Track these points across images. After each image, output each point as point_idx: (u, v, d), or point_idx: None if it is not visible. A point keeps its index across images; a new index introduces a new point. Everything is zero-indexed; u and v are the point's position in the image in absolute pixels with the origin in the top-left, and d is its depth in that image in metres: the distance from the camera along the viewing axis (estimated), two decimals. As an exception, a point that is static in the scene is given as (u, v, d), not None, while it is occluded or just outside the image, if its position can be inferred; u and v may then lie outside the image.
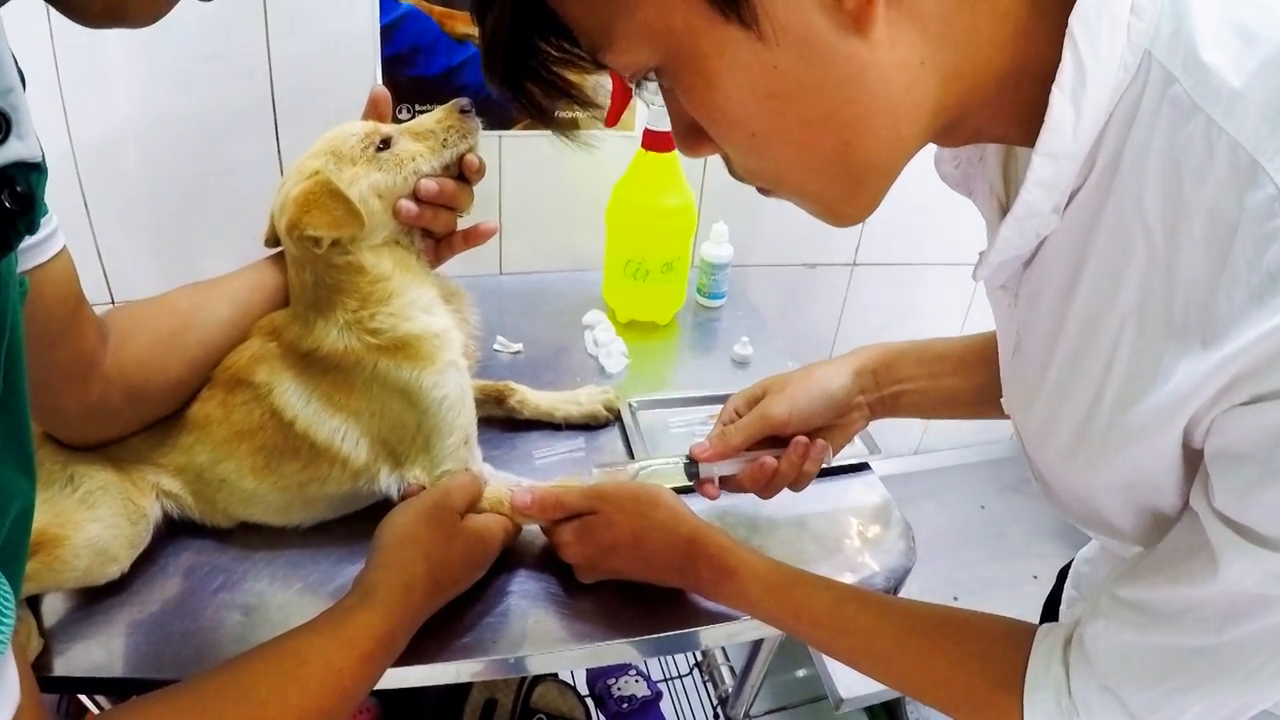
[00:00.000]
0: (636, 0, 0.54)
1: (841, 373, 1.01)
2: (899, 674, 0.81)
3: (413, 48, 1.36)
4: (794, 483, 0.99)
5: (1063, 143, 0.55)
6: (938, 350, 1.01)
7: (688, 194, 1.39)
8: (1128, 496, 0.64)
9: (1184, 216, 0.51)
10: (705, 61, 0.55)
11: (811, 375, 1.01)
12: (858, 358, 1.02)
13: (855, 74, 0.54)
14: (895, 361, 1.01)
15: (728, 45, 0.54)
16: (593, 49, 0.59)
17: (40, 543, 0.81)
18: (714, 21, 0.53)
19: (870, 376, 1.01)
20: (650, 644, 0.93)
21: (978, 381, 0.96)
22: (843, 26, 0.52)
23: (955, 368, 0.99)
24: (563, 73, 0.63)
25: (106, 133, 1.29)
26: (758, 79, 0.55)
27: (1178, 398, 0.53)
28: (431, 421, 0.94)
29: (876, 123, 0.57)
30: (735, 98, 0.56)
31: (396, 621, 0.79)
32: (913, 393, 1.01)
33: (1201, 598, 0.57)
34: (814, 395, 0.99)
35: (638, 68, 0.58)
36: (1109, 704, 0.64)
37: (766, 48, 0.53)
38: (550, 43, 0.61)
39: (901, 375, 1.01)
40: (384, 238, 0.95)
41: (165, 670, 0.84)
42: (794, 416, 0.97)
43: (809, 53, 0.53)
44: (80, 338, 0.82)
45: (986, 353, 0.95)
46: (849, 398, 1.00)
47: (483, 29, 0.61)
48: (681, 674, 1.91)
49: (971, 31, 0.55)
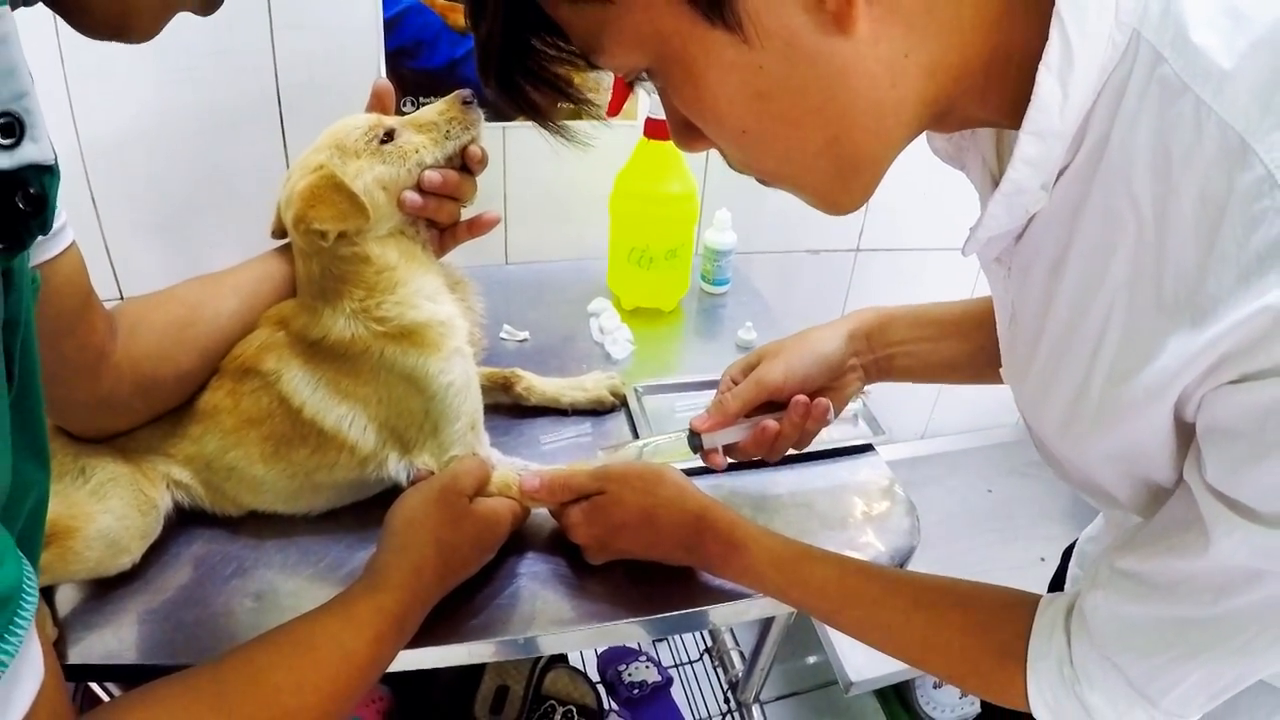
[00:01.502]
0: (626, 6, 0.55)
1: (835, 336, 1.02)
2: (904, 645, 0.82)
3: (416, 41, 1.37)
4: (798, 442, 0.99)
5: (1050, 121, 0.55)
6: (932, 315, 1.02)
7: (690, 181, 1.39)
8: (1122, 468, 0.64)
9: (1173, 196, 0.51)
10: (694, 64, 0.57)
11: (806, 339, 1.02)
12: (851, 321, 1.03)
13: (839, 71, 0.55)
14: (888, 325, 1.02)
15: (714, 48, 0.55)
16: (586, 52, 0.61)
17: (52, 534, 0.82)
18: (700, 26, 0.54)
19: (864, 339, 1.02)
20: (659, 623, 0.94)
21: (971, 346, 0.97)
22: (824, 26, 0.53)
23: (949, 332, 1.00)
24: (559, 70, 0.64)
25: (113, 129, 1.30)
26: (744, 79, 0.56)
27: (1167, 375, 0.53)
28: (438, 407, 0.95)
29: (863, 118, 0.58)
30: (724, 98, 0.58)
31: (407, 603, 0.80)
32: (905, 355, 1.02)
33: (1195, 570, 0.58)
34: (808, 359, 1.00)
35: (629, 69, 0.60)
36: (1109, 673, 0.65)
37: (751, 49, 0.54)
38: (545, 41, 0.62)
39: (894, 338, 1.02)
40: (389, 229, 0.96)
41: (178, 657, 0.84)
42: (789, 380, 0.98)
43: (793, 53, 0.55)
44: (90, 331, 0.82)
45: (981, 318, 0.96)
46: (843, 360, 1.01)
47: (477, 32, 0.62)
48: (692, 659, 1.92)
49: (955, 21, 0.55)
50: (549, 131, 0.70)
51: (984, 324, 0.93)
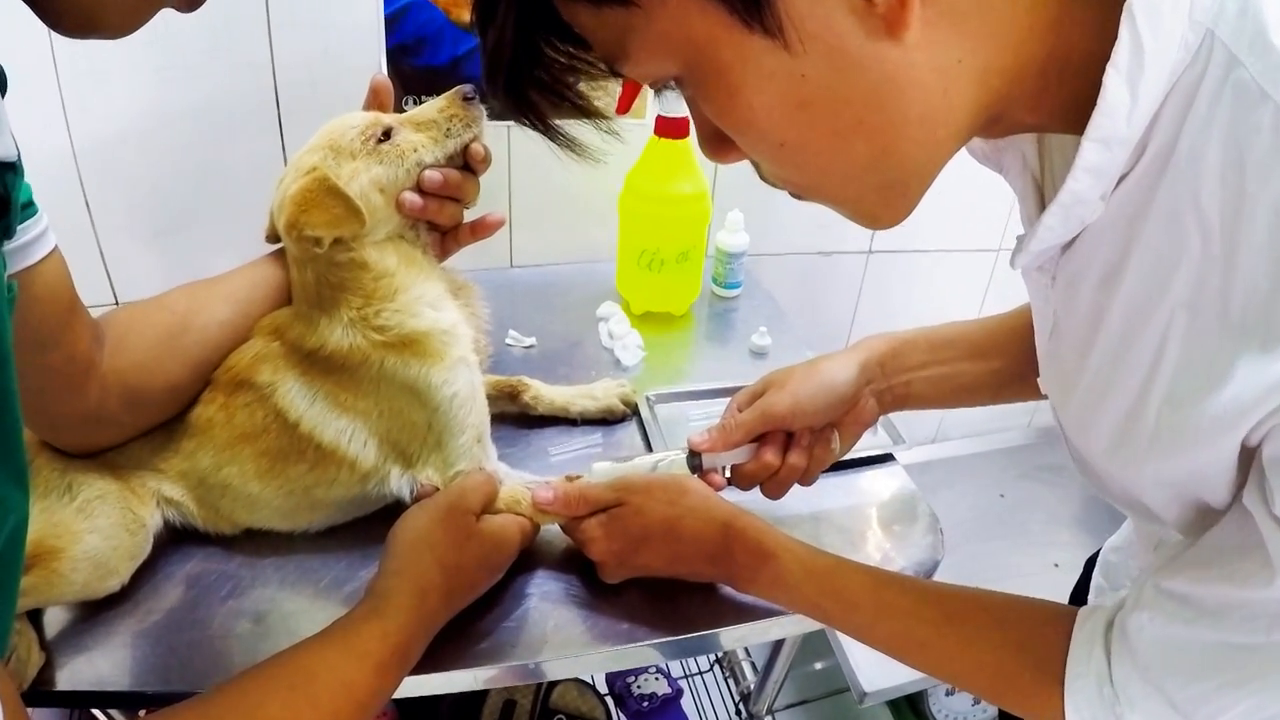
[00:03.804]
0: (653, 10, 0.51)
1: (847, 366, 0.97)
2: (938, 661, 0.80)
3: (418, 38, 1.34)
4: (802, 477, 0.96)
5: (1116, 128, 0.52)
6: (947, 335, 0.98)
7: (702, 181, 1.36)
8: (1175, 491, 0.61)
9: (1246, 209, 0.48)
10: (728, 72, 0.53)
11: (815, 369, 0.97)
12: (862, 350, 0.99)
13: (889, 79, 0.51)
14: (903, 350, 0.98)
15: (751, 55, 0.51)
16: (609, 60, 0.57)
17: (37, 555, 0.79)
18: (736, 31, 0.50)
19: (877, 368, 0.98)
20: (676, 646, 0.90)
21: (991, 367, 0.94)
22: (874, 31, 0.50)
23: (968, 353, 0.96)
24: (569, 80, 0.60)
25: (107, 131, 1.28)
26: (785, 89, 0.52)
27: (1240, 405, 0.50)
28: (442, 420, 0.91)
29: (913, 128, 0.54)
30: (762, 108, 0.54)
31: (411, 631, 0.77)
32: (922, 382, 0.98)
33: (1251, 599, 0.56)
34: (816, 390, 0.95)
35: (657, 78, 0.56)
36: (1151, 696, 0.63)
37: (793, 56, 0.51)
38: (557, 49, 0.59)
39: (910, 364, 0.98)
40: (387, 233, 0.93)
41: (173, 682, 0.81)
42: (796, 412, 0.94)
43: (839, 60, 0.51)
44: (75, 341, 0.80)
45: (1000, 338, 0.93)
46: (855, 391, 0.96)
47: (485, 38, 0.58)
48: (702, 670, 1.90)
49: (1009, 24, 0.52)
50: (558, 145, 0.66)
51: (1002, 344, 0.91)
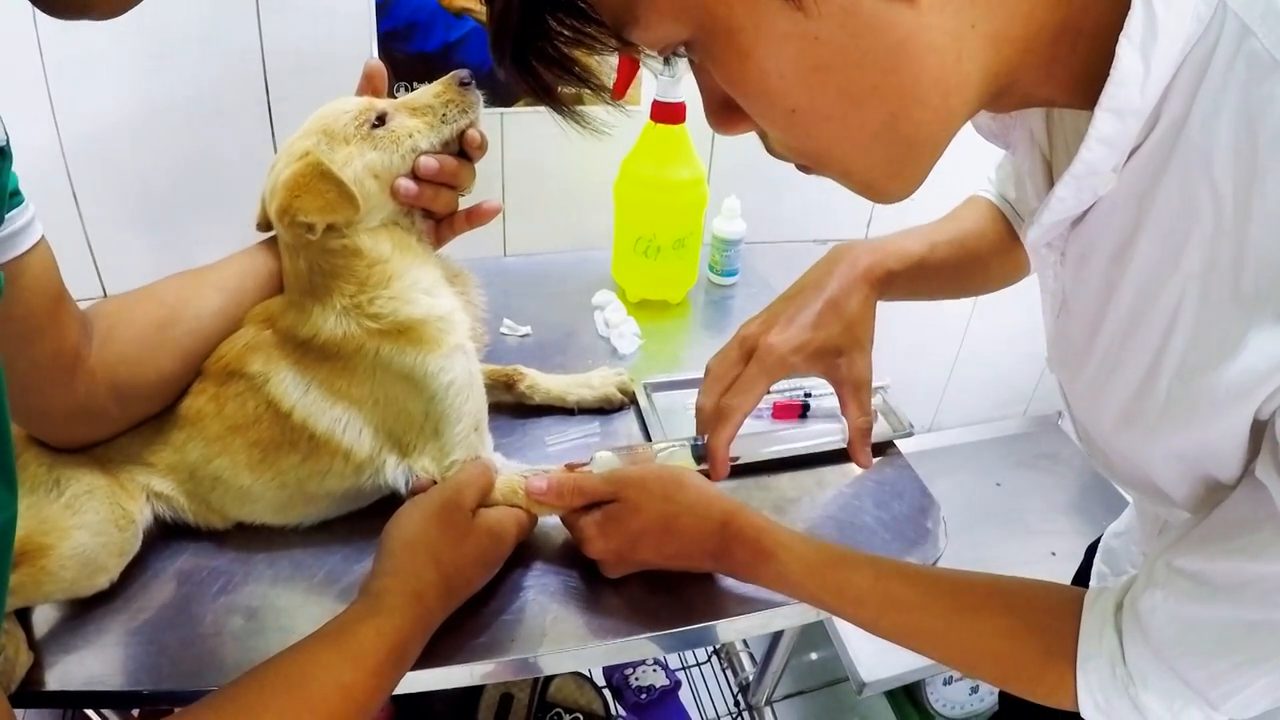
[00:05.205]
0: None
1: (842, 279, 1.02)
2: (949, 650, 0.79)
3: (410, 23, 1.33)
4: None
5: (1129, 98, 0.51)
6: (933, 264, 1.01)
7: (699, 167, 1.34)
8: (1184, 466, 0.61)
9: (1258, 182, 0.48)
10: (740, 34, 0.51)
11: (802, 298, 1.03)
12: (845, 264, 1.03)
13: (902, 43, 0.50)
14: (892, 285, 1.01)
15: (764, 16, 0.50)
16: (617, 25, 0.55)
17: (25, 552, 0.77)
18: None
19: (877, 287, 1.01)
20: (677, 638, 0.89)
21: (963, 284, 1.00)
22: None
23: (952, 281, 1.03)
24: (574, 54, 0.59)
25: (94, 120, 1.26)
26: (798, 52, 0.51)
27: (1252, 378, 0.50)
28: (439, 408, 0.90)
29: (926, 94, 0.53)
30: (774, 72, 0.52)
31: (408, 631, 0.75)
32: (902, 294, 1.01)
33: (1266, 572, 0.55)
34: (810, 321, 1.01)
35: (667, 43, 0.55)
36: (1165, 675, 0.63)
37: (807, 18, 0.49)
38: (563, 21, 0.57)
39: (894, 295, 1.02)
40: (382, 219, 0.91)
41: (165, 681, 0.80)
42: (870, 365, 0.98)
43: (853, 22, 0.50)
44: (63, 333, 0.78)
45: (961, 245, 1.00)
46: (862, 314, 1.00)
47: (492, 8, 0.57)
48: (700, 662, 1.89)
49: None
50: (562, 116, 0.65)
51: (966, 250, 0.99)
